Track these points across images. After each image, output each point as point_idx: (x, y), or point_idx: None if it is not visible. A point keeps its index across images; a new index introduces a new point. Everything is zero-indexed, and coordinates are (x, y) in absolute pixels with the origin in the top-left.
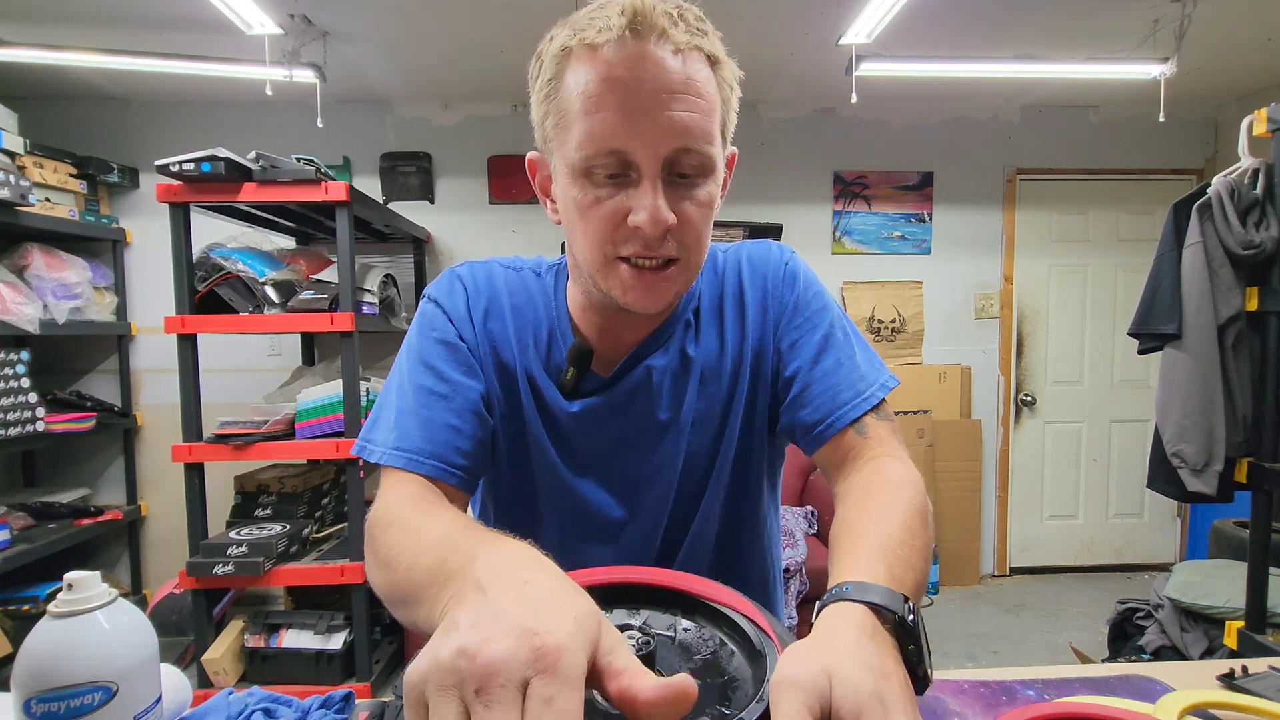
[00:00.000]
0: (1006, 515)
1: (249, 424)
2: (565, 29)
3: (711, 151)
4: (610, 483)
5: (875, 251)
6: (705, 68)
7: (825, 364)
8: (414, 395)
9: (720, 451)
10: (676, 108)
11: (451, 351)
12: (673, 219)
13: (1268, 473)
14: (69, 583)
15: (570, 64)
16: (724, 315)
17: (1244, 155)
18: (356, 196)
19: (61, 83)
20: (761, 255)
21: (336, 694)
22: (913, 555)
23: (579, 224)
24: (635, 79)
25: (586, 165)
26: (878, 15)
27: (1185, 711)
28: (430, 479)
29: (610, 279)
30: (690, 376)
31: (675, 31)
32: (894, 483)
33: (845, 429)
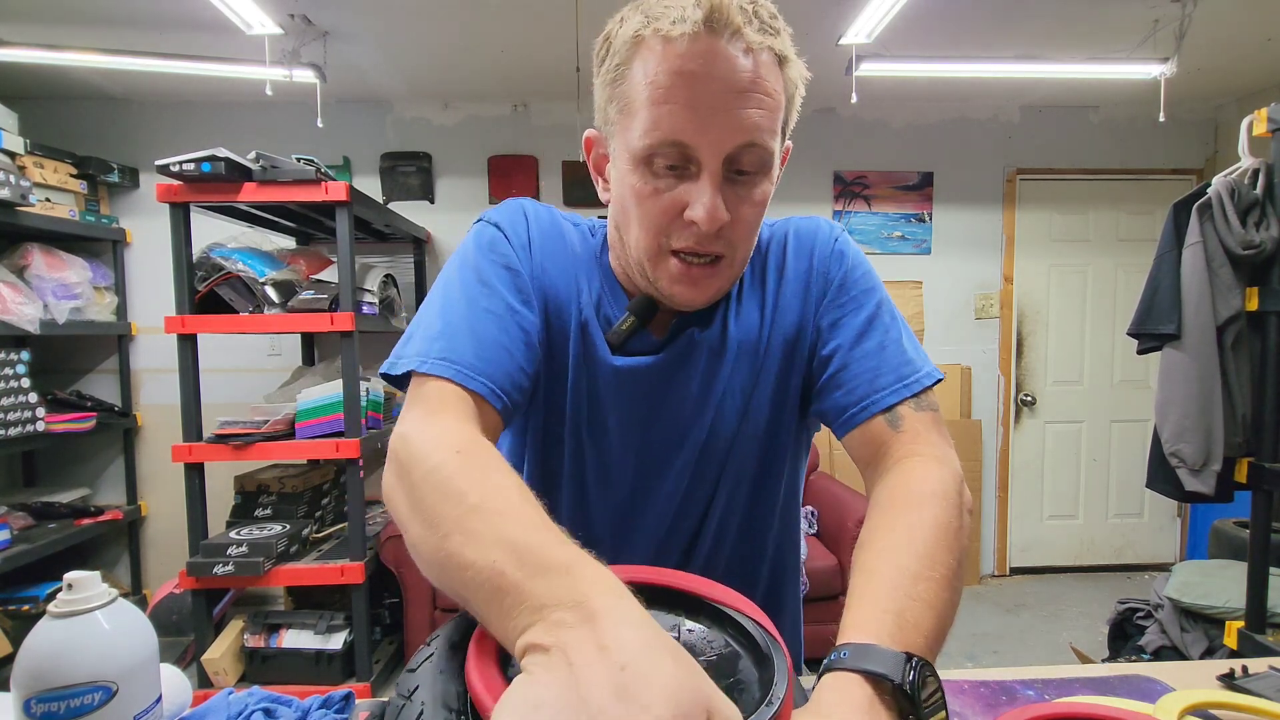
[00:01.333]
0: (1006, 515)
1: (249, 424)
2: (638, 14)
3: (772, 149)
4: (633, 448)
5: (875, 251)
6: (774, 66)
7: (867, 345)
8: (467, 309)
9: (745, 427)
10: (743, 106)
11: (513, 277)
12: (727, 217)
13: (1268, 473)
14: (69, 583)
15: (640, 51)
16: (765, 288)
17: (1244, 155)
18: (356, 196)
19: (61, 83)
20: (810, 230)
21: (336, 694)
22: (931, 589)
23: (635, 211)
24: (706, 75)
25: (648, 154)
26: (878, 15)
27: (1185, 711)
28: (476, 396)
29: (659, 270)
30: (727, 349)
31: (749, 30)
32: (920, 497)
33: (876, 415)
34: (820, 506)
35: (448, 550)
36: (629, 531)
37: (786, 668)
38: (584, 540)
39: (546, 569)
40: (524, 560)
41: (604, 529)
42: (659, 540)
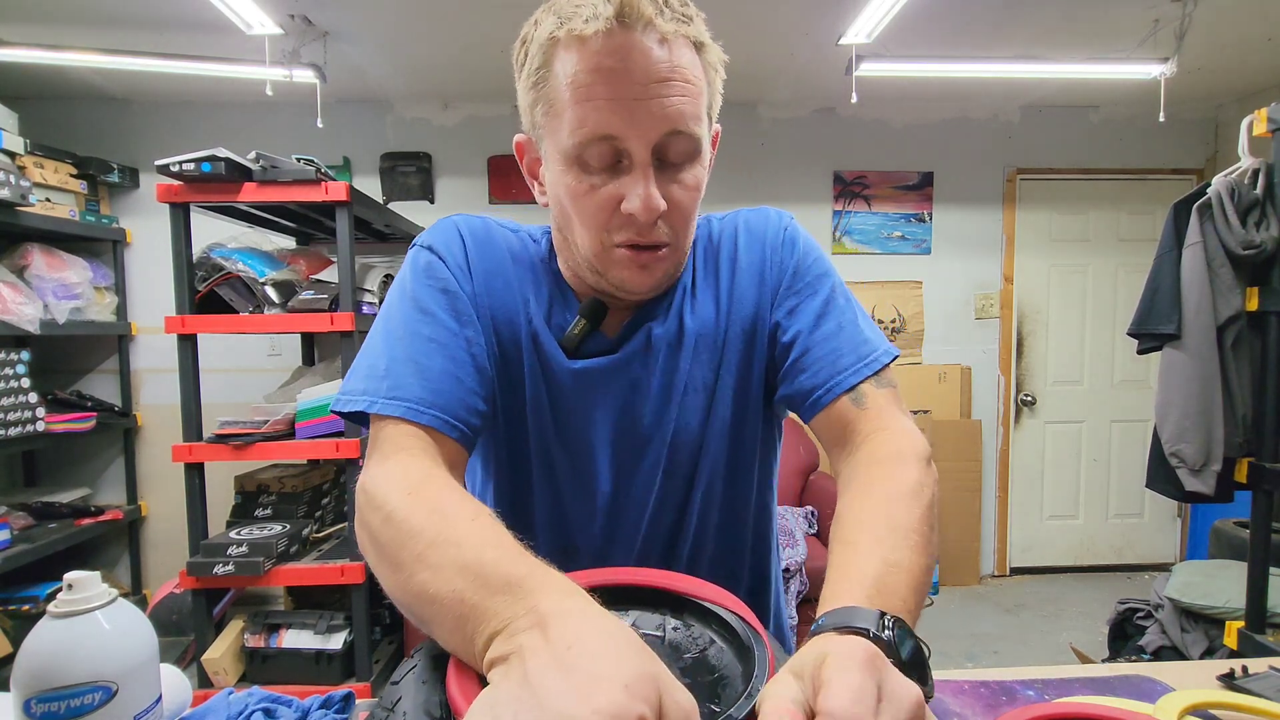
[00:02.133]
0: (1006, 515)
1: (249, 424)
2: (551, 15)
3: (699, 134)
4: (603, 450)
5: (875, 251)
6: (691, 53)
7: (826, 328)
8: (410, 342)
9: (712, 420)
10: (665, 94)
11: (451, 300)
12: (664, 205)
13: (1268, 473)
14: (69, 583)
15: (558, 52)
16: (719, 280)
17: (1244, 155)
18: (356, 196)
19: (61, 83)
20: (759, 220)
21: (336, 694)
22: (906, 552)
23: (574, 211)
24: (624, 69)
25: (578, 152)
26: (878, 15)
27: (1185, 711)
28: (430, 430)
29: (607, 264)
30: (685, 343)
31: (661, 20)
32: (891, 469)
33: (841, 396)
34: (820, 506)
35: (413, 589)
36: (611, 536)
37: (768, 660)
38: (566, 549)
39: (503, 586)
40: (482, 582)
41: (584, 536)
42: (641, 542)
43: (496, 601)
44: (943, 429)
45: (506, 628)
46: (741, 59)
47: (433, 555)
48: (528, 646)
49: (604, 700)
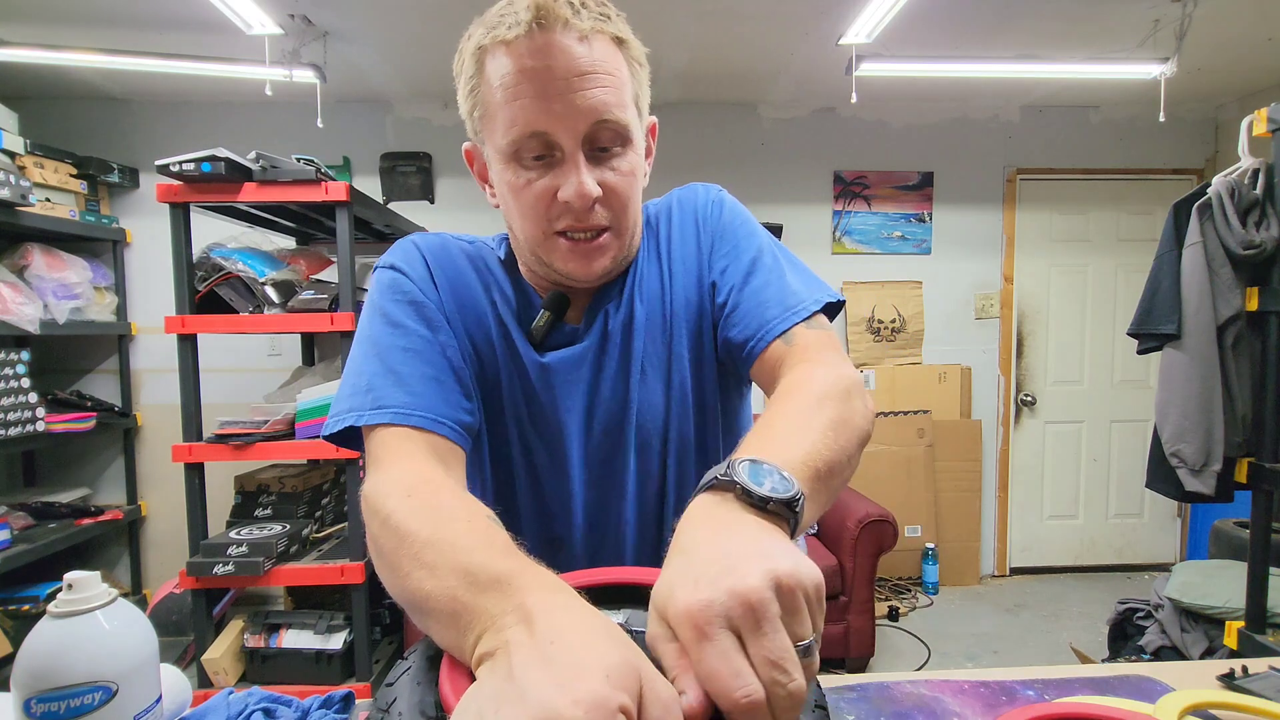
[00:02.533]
0: (1006, 515)
1: (249, 424)
2: (480, 28)
3: (625, 120)
4: (576, 440)
5: (875, 251)
6: (611, 48)
7: (753, 284)
8: (386, 356)
9: (672, 393)
10: (587, 87)
11: (420, 309)
12: (598, 191)
13: (1268, 473)
14: (69, 583)
15: (487, 59)
16: (660, 256)
17: (1244, 155)
18: (356, 196)
19: (61, 83)
20: (689, 194)
21: (336, 694)
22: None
23: (515, 205)
24: (546, 67)
25: (513, 149)
26: (878, 15)
27: (1185, 711)
28: (422, 431)
29: (550, 253)
30: (636, 324)
31: (578, 20)
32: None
33: (774, 341)
34: None
35: (411, 589)
36: (595, 524)
37: None
38: (551, 541)
39: (491, 583)
40: (472, 581)
41: (568, 527)
42: (629, 530)
43: (485, 599)
44: (943, 429)
45: (494, 624)
46: (741, 59)
47: (428, 555)
48: (513, 641)
49: (584, 690)
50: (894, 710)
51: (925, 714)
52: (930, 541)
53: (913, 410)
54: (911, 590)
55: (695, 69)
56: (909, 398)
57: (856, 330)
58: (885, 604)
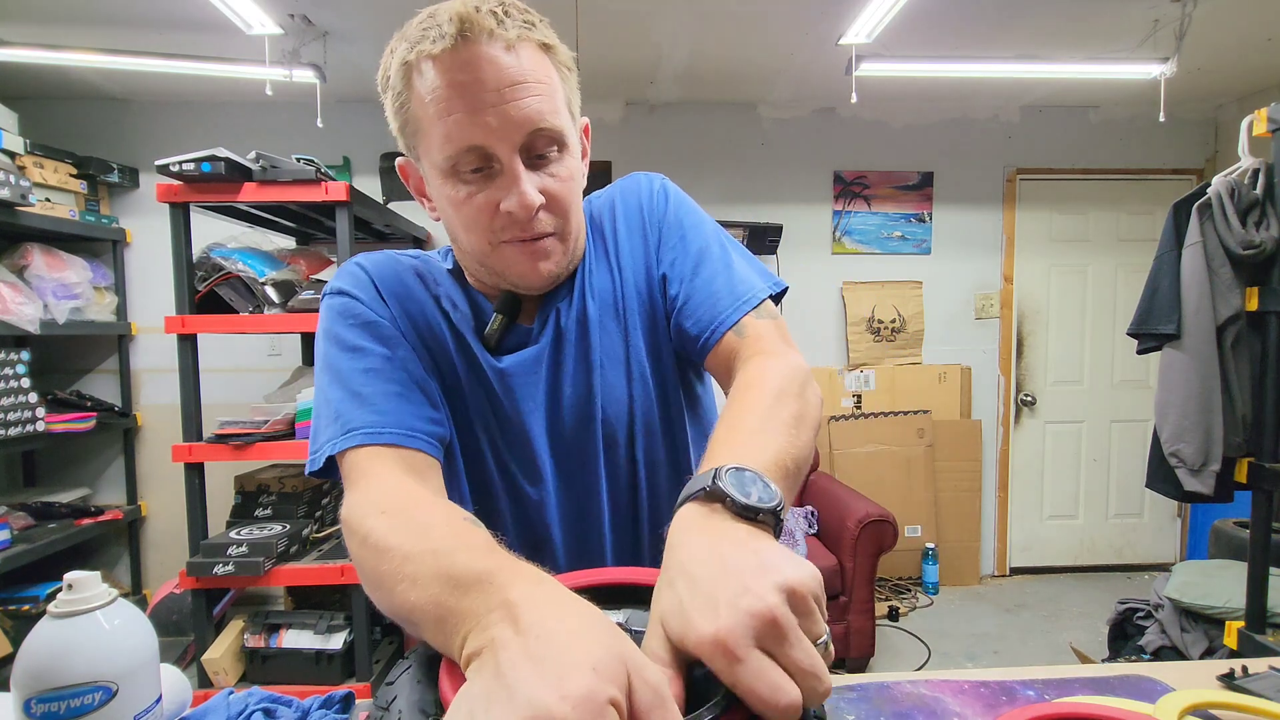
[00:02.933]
0: (1006, 515)
1: (249, 424)
2: (402, 43)
3: (560, 126)
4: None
5: (875, 251)
6: (539, 55)
7: (702, 275)
8: (349, 380)
9: (634, 385)
10: (519, 97)
11: (373, 329)
12: (540, 199)
13: (1267, 473)
14: (69, 583)
15: (414, 75)
16: (608, 250)
17: (1244, 155)
18: (356, 196)
19: (61, 83)
20: (632, 185)
21: (337, 694)
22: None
23: (457, 219)
24: (476, 80)
25: (450, 164)
26: (878, 15)
27: (1185, 711)
28: (394, 447)
29: (499, 263)
30: (590, 319)
31: (502, 30)
32: (756, 376)
33: (726, 334)
34: (820, 506)
35: (399, 603)
36: (576, 524)
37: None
38: (534, 543)
39: (474, 583)
40: (455, 583)
41: (551, 529)
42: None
43: (468, 600)
44: (943, 429)
45: (479, 623)
46: (741, 59)
47: (409, 568)
48: (499, 639)
49: (573, 685)
50: (894, 710)
51: (925, 714)
52: (930, 541)
53: (913, 410)
54: (911, 590)
55: (695, 69)
56: (909, 398)
57: (856, 330)
58: (885, 604)
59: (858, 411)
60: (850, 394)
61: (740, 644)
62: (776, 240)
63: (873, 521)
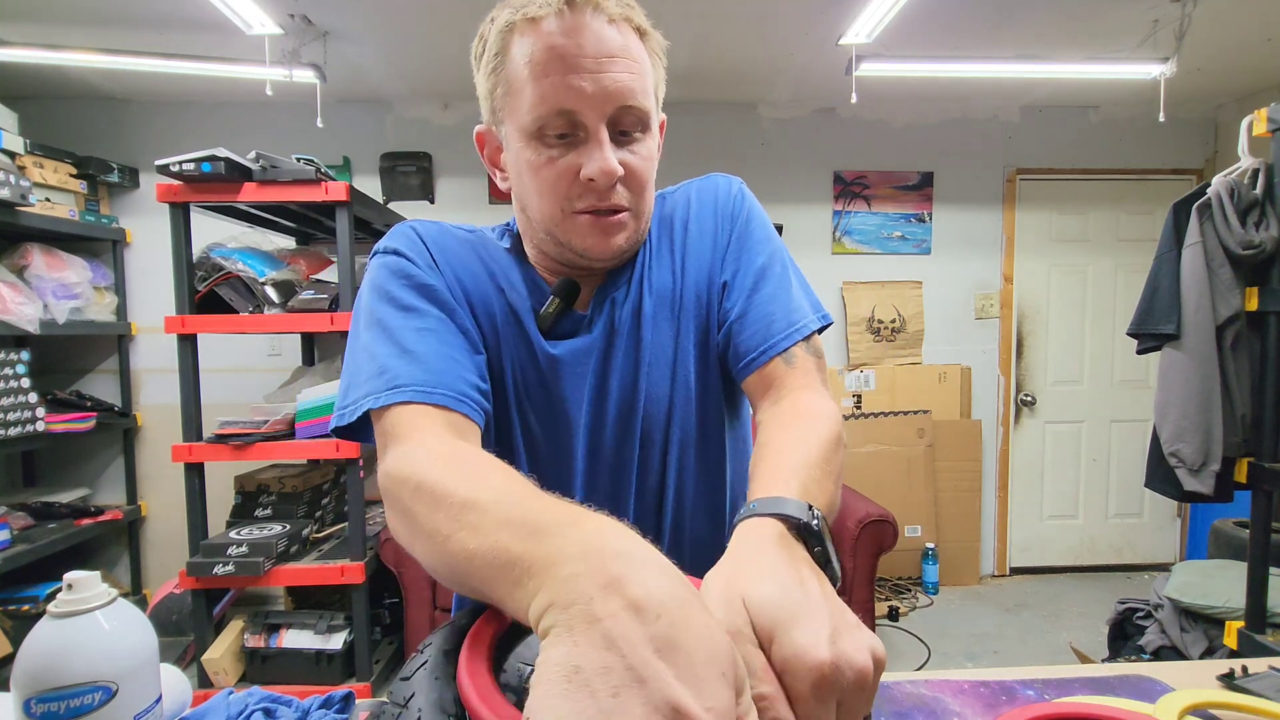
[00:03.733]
0: (1006, 515)
1: (249, 424)
2: (505, 9)
3: (649, 108)
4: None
5: (875, 251)
6: (636, 37)
7: (763, 293)
8: (401, 336)
9: (677, 386)
10: (616, 70)
11: (429, 292)
12: (621, 170)
13: (1267, 473)
14: (69, 583)
15: (514, 38)
16: (674, 247)
17: (1244, 155)
18: (356, 196)
19: (61, 83)
20: (710, 186)
21: (337, 694)
22: (825, 478)
23: (533, 184)
24: (576, 46)
25: (538, 126)
26: (878, 15)
27: (1185, 711)
28: (444, 410)
29: (568, 232)
30: (645, 314)
31: (607, 4)
32: (814, 412)
33: (775, 358)
34: None
35: (452, 551)
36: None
37: None
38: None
39: (548, 529)
40: (524, 530)
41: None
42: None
43: (543, 544)
44: (943, 429)
45: (558, 571)
46: (741, 59)
47: (471, 516)
48: (596, 599)
49: (714, 698)
50: (894, 710)
51: (925, 714)
52: (930, 541)
53: (913, 410)
54: (911, 590)
55: (695, 69)
56: (909, 398)
57: (856, 330)
58: (885, 604)
59: (858, 411)
60: (850, 394)
61: (833, 687)
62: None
63: (873, 521)
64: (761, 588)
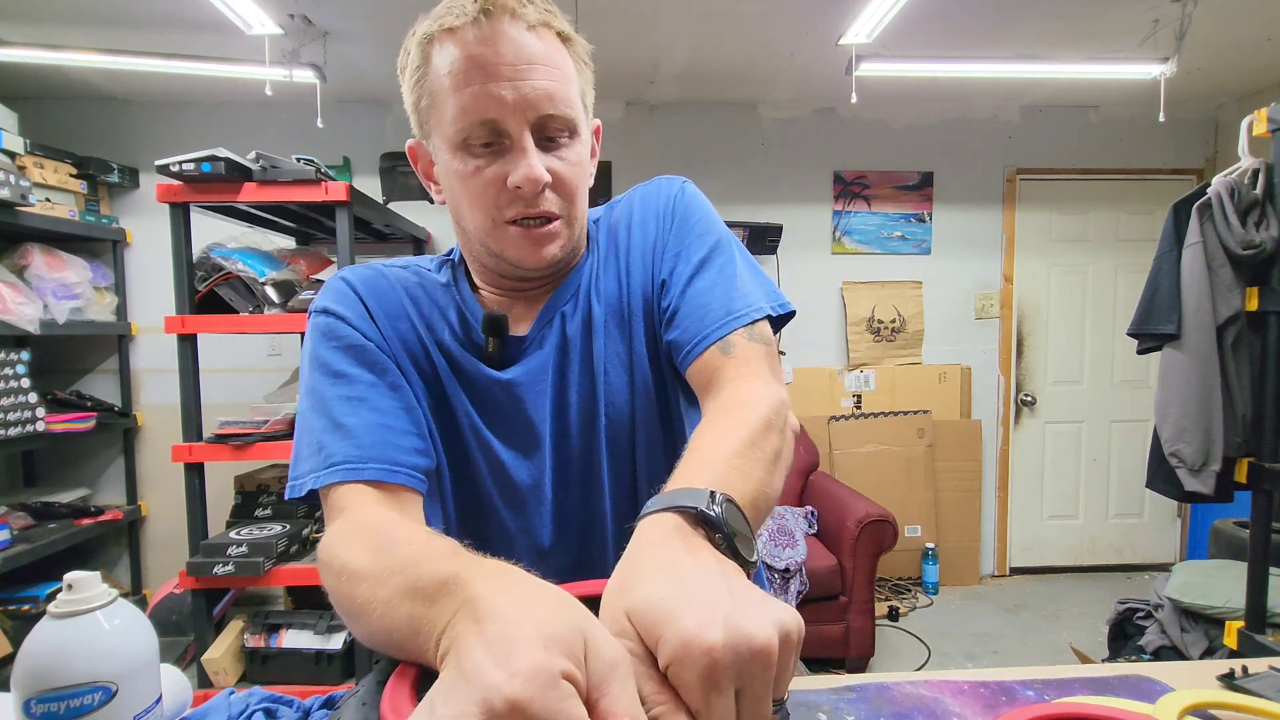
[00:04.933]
0: (1006, 515)
1: (249, 424)
2: (426, 20)
3: (574, 114)
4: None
5: (875, 251)
6: (557, 43)
7: (700, 284)
8: (332, 408)
9: (636, 390)
10: (537, 77)
11: (360, 354)
12: (547, 176)
13: (1267, 473)
14: (69, 583)
15: (434, 48)
16: (619, 253)
17: (1244, 155)
18: (356, 196)
19: (61, 83)
20: (653, 190)
21: (338, 694)
22: (748, 464)
23: (464, 195)
24: (495, 54)
25: (462, 137)
26: (878, 15)
27: (1185, 711)
28: (376, 484)
29: (500, 242)
30: (595, 324)
31: (525, 11)
32: (744, 401)
33: (710, 349)
34: (820, 506)
35: (376, 629)
36: (580, 530)
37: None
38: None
39: (439, 589)
40: (422, 594)
41: (555, 537)
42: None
43: (438, 607)
44: (943, 429)
45: (448, 626)
46: (741, 59)
47: (382, 592)
48: (460, 634)
49: (521, 661)
50: (894, 710)
51: (925, 714)
52: (930, 541)
53: (913, 410)
54: (911, 590)
55: (695, 69)
56: (909, 398)
57: (856, 330)
58: (885, 604)
59: (858, 411)
60: (850, 394)
61: (726, 674)
62: (776, 240)
63: (873, 521)
64: (641, 591)
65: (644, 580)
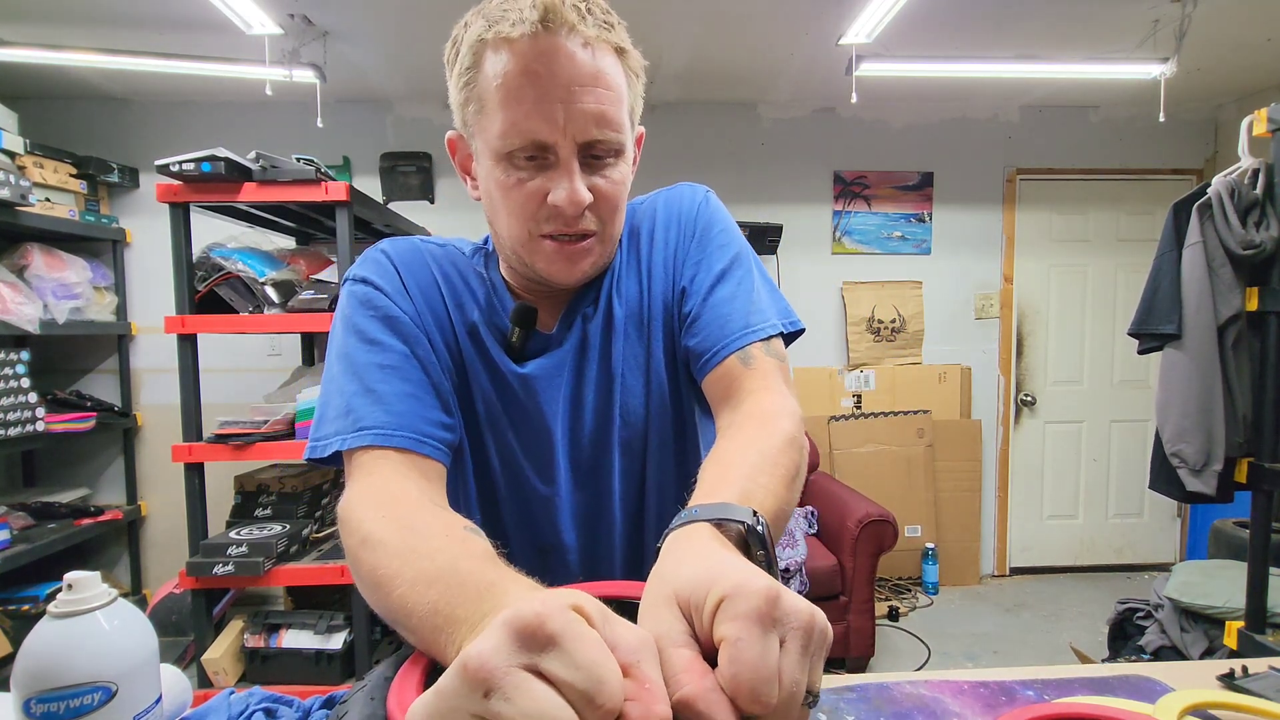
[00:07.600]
0: (1006, 515)
1: (249, 424)
2: (480, 19)
3: (622, 138)
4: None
5: (875, 251)
6: (613, 58)
7: (720, 294)
8: (365, 374)
9: (652, 394)
10: (588, 99)
11: (394, 324)
12: (589, 198)
13: (1267, 473)
14: (69, 583)
15: (487, 54)
16: (640, 258)
17: (1244, 155)
18: (356, 196)
19: (61, 83)
20: (675, 196)
21: (338, 694)
22: (773, 481)
23: (502, 204)
24: (549, 73)
25: (508, 150)
26: (878, 15)
27: (1185, 711)
28: (403, 451)
29: (533, 254)
30: (615, 327)
31: (584, 25)
32: (767, 413)
33: (729, 358)
34: (820, 506)
35: (394, 604)
36: (587, 530)
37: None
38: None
39: (475, 594)
40: (455, 592)
41: (563, 534)
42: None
43: (468, 609)
44: (943, 429)
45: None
46: (741, 59)
47: (408, 571)
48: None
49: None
50: (894, 710)
51: (925, 714)
52: (930, 541)
53: (913, 410)
54: (911, 590)
55: (695, 69)
56: (909, 398)
57: (856, 330)
58: (885, 604)
59: (858, 411)
60: (850, 394)
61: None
62: (776, 240)
63: (873, 521)
64: (684, 574)
65: (687, 565)
